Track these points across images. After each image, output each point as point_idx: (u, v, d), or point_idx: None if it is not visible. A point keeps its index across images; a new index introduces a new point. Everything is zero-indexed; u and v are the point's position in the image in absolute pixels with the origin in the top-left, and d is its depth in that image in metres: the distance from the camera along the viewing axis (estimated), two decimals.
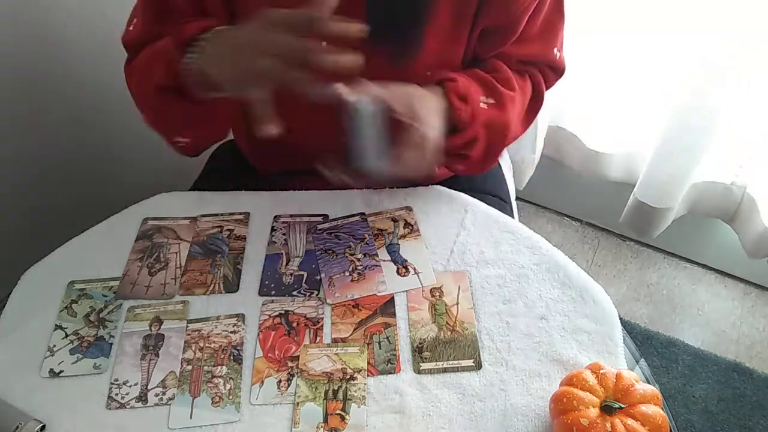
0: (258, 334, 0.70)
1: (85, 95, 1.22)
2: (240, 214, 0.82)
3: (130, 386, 0.66)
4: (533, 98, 0.86)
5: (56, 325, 0.71)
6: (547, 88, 0.88)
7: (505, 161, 1.08)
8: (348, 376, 0.66)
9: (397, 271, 0.75)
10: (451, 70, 0.78)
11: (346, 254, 0.77)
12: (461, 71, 0.79)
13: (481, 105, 0.77)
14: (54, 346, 0.69)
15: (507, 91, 0.79)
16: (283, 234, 0.80)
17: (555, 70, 0.87)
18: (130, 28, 0.79)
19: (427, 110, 0.71)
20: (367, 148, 0.67)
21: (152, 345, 0.69)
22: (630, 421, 0.56)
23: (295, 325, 0.70)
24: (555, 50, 0.84)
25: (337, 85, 0.64)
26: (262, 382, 0.66)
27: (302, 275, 0.75)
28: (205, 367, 0.67)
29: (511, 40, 0.78)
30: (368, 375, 0.66)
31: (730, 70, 1.16)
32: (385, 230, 0.79)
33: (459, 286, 0.73)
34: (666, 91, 1.31)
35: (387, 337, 0.69)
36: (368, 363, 0.67)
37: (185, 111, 0.72)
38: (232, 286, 0.74)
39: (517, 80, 0.83)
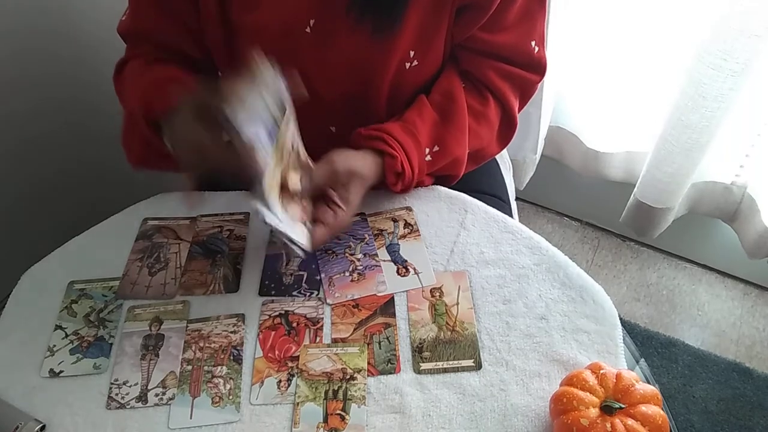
0: (258, 334, 0.70)
1: (85, 95, 1.22)
2: (240, 214, 0.82)
3: (130, 386, 0.66)
4: (502, 125, 0.86)
5: (56, 325, 0.71)
6: (531, 94, 0.87)
7: (504, 161, 1.08)
8: (348, 376, 0.66)
9: (397, 271, 0.75)
10: (431, 61, 0.79)
11: (346, 254, 0.77)
12: (414, 114, 0.79)
13: (426, 158, 0.80)
14: (54, 346, 0.69)
15: (454, 130, 0.80)
16: None
17: (534, 68, 0.84)
18: (123, 17, 0.80)
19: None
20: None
21: (152, 345, 0.69)
22: (630, 421, 0.56)
23: (295, 325, 0.70)
24: (533, 43, 0.82)
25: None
26: (262, 382, 0.66)
27: (302, 275, 0.75)
28: (205, 367, 0.67)
29: (484, 18, 0.76)
30: (368, 375, 0.66)
31: (730, 69, 1.16)
32: (385, 230, 0.79)
33: (459, 286, 0.73)
34: (666, 91, 1.31)
35: (387, 337, 0.69)
36: (368, 363, 0.67)
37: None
38: (232, 286, 0.74)
39: (476, 105, 0.83)
